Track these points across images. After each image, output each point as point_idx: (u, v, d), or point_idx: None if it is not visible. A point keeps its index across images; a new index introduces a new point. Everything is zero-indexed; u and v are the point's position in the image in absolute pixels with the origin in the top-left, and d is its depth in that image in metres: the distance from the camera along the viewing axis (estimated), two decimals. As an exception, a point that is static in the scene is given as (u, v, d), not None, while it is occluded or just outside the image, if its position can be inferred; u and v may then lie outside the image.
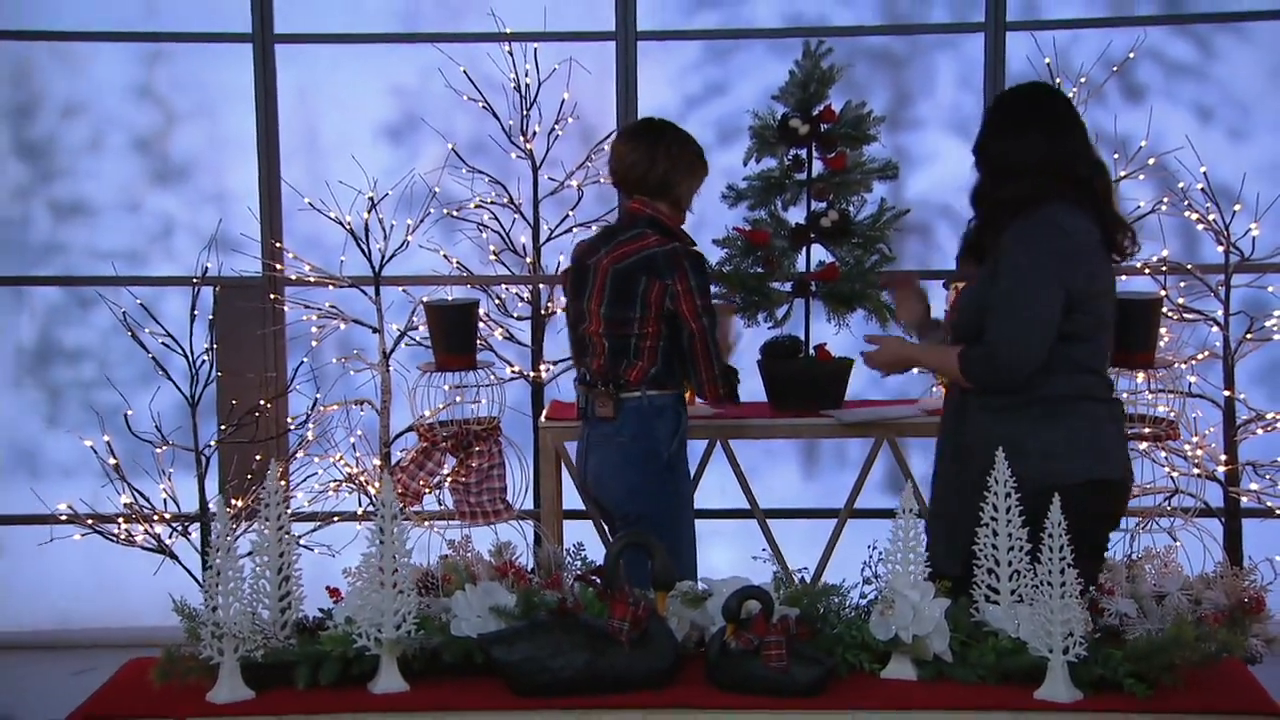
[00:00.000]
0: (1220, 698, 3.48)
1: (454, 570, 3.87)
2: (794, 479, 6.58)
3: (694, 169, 4.92)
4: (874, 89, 6.41)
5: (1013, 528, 3.66)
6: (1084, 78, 5.92)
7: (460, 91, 6.02)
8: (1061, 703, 3.42)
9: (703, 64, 6.63)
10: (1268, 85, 6.34)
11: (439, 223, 6.01)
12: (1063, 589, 3.44)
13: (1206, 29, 6.34)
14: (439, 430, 5.48)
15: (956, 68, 6.48)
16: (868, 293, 5.41)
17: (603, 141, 6.02)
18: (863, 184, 5.44)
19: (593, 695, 3.50)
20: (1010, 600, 3.62)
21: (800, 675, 3.48)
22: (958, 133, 6.41)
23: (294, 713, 3.52)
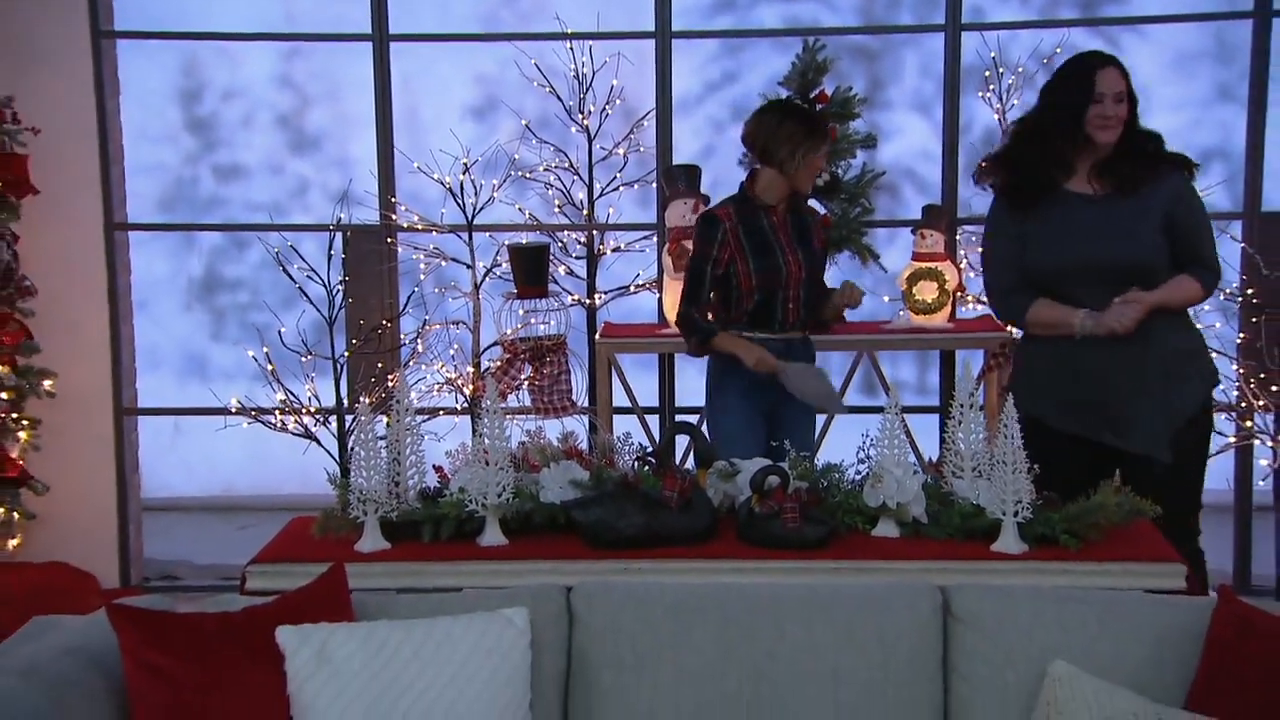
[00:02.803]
0: (1132, 549, 3.54)
1: (539, 452, 3.92)
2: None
3: (792, 138, 4.45)
4: (855, 76, 6.38)
5: (974, 420, 3.69)
6: (1020, 68, 5.86)
7: (530, 79, 5.99)
8: (1011, 553, 3.48)
9: (720, 57, 6.62)
10: (1163, 75, 6.29)
11: (515, 183, 6.01)
12: (1014, 466, 3.48)
13: (1115, 30, 6.30)
14: (519, 345, 5.52)
15: (919, 60, 6.45)
16: (853, 238, 5.43)
17: (643, 118, 6.00)
18: (849, 151, 5.46)
19: (649, 548, 3.56)
20: (972, 475, 3.66)
21: (810, 533, 3.54)
22: (920, 112, 6.40)
23: (421, 559, 3.59)
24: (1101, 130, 4.05)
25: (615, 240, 6.09)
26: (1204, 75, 6.29)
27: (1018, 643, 2.97)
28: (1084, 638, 2.96)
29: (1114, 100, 4.04)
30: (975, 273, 5.87)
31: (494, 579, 3.45)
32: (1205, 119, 6.28)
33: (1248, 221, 5.84)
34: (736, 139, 5.71)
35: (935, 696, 3.01)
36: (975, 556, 3.47)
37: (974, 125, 6.10)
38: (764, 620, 3.04)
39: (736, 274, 4.46)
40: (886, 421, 3.67)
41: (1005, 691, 2.94)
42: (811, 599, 3.10)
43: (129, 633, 2.81)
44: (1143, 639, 2.94)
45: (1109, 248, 4.05)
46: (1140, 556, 3.46)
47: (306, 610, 2.95)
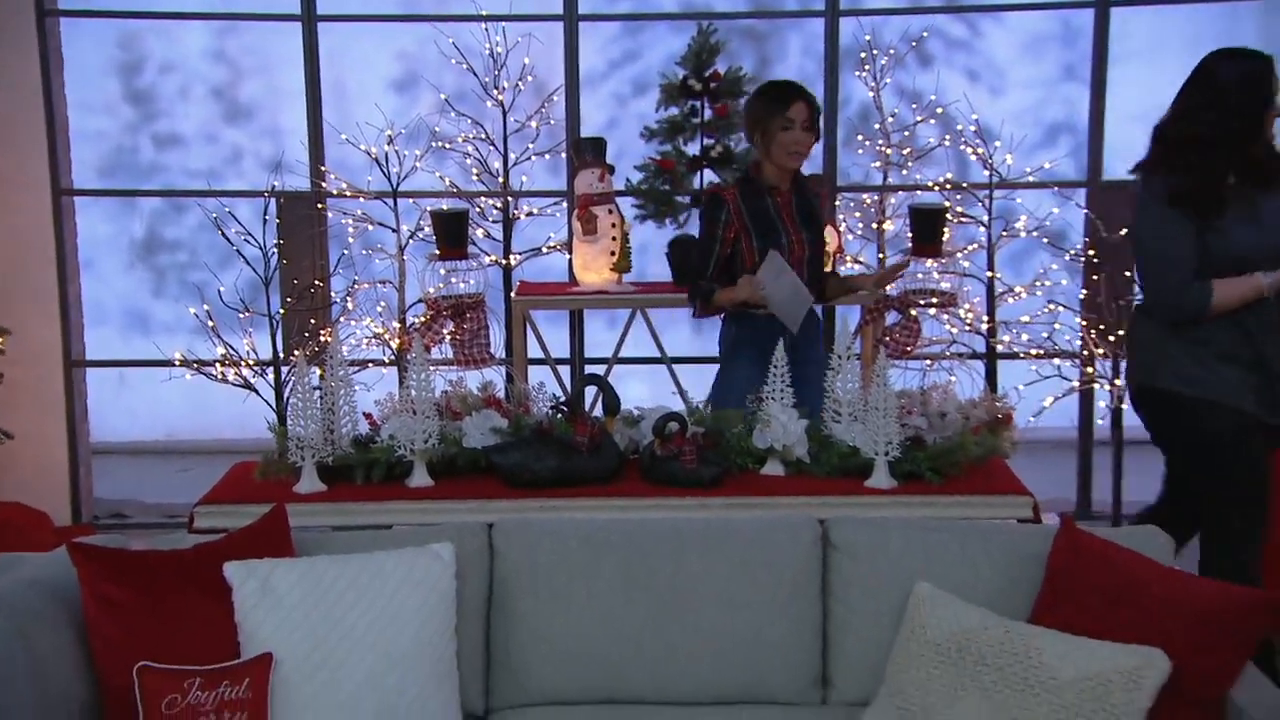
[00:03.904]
0: (987, 482, 3.64)
1: (461, 401, 3.94)
2: (688, 335, 6.66)
3: (754, 118, 4.29)
4: (745, 56, 6.41)
5: (850, 370, 3.77)
6: (892, 49, 5.92)
7: (449, 57, 5.95)
8: (883, 489, 3.56)
9: (622, 37, 6.62)
10: (1017, 56, 6.40)
11: (436, 153, 5.97)
12: (884, 411, 3.57)
13: (975, 16, 6.39)
14: (441, 302, 5.51)
15: (803, 41, 6.50)
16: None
17: (553, 93, 5.99)
18: (739, 126, 5.47)
19: (562, 488, 3.60)
20: (849, 419, 3.74)
21: (705, 473, 3.59)
22: (803, 90, 6.43)
23: (355, 500, 3.62)
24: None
25: (529, 206, 6.08)
26: (1052, 57, 6.40)
27: (888, 568, 3.04)
28: (945, 562, 3.03)
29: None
30: (854, 235, 5.95)
31: (421, 517, 3.49)
32: (1053, 97, 6.40)
33: (1090, 189, 5.97)
34: (639, 112, 5.76)
35: (816, 617, 3.08)
36: (851, 492, 3.55)
37: (852, 101, 6.16)
38: (664, 552, 3.09)
39: (741, 253, 4.27)
40: (774, 372, 3.74)
41: (877, 611, 3.02)
42: (707, 532, 3.16)
43: (87, 568, 2.81)
44: (995, 562, 3.03)
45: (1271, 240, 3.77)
46: (994, 490, 3.57)
47: (251, 547, 2.96)
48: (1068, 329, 5.79)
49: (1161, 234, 3.73)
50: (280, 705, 2.75)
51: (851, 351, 3.75)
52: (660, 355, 5.83)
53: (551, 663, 3.05)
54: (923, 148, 5.88)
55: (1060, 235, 5.97)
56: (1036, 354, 5.78)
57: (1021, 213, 5.85)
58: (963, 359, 5.84)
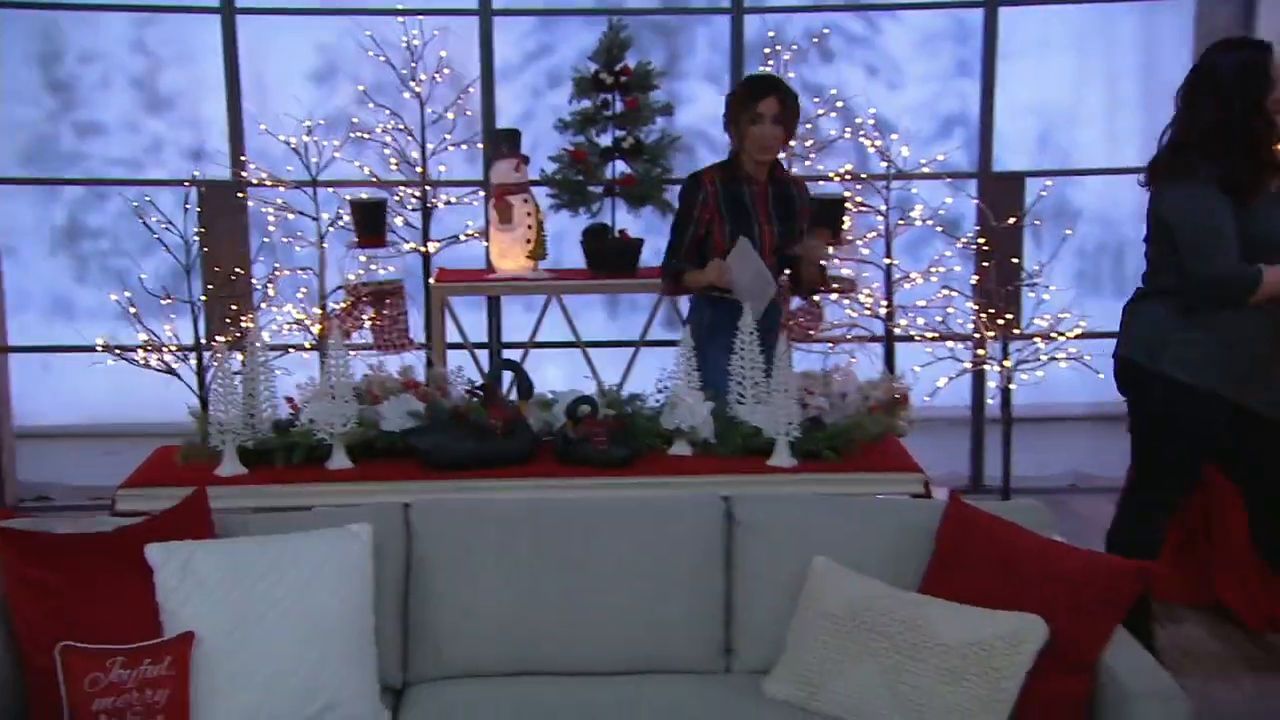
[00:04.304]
0: (882, 460, 3.70)
1: (380, 386, 3.93)
2: (603, 320, 6.68)
3: (729, 113, 4.32)
4: (656, 50, 6.41)
5: (752, 355, 3.81)
6: (795, 45, 5.97)
7: (366, 49, 5.91)
8: (784, 467, 3.62)
9: (537, 31, 6.57)
10: (913, 53, 6.46)
11: (355, 143, 5.92)
12: (786, 393, 3.63)
13: (874, 14, 6.46)
14: (361, 289, 5.48)
15: (710, 36, 6.50)
16: (654, 194, 5.49)
17: (469, 86, 5.97)
18: (649, 118, 5.47)
19: (478, 470, 3.62)
20: (752, 401, 3.78)
21: (616, 453, 3.63)
22: (711, 82, 6.46)
23: (275, 483, 3.60)
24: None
25: (447, 195, 6.06)
26: (946, 53, 6.47)
27: (787, 542, 3.10)
28: (841, 536, 3.09)
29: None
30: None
31: (341, 499, 3.48)
32: (947, 91, 6.48)
33: (981, 180, 6.08)
34: (554, 104, 5.75)
35: (719, 590, 3.13)
36: (755, 471, 3.61)
37: (757, 95, 6.19)
38: (576, 530, 3.12)
39: (713, 236, 4.27)
40: (681, 356, 3.78)
41: (777, 584, 3.07)
42: (617, 510, 3.20)
43: (9, 550, 2.79)
44: (888, 536, 3.10)
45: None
46: (889, 467, 3.64)
47: (172, 529, 2.95)
48: (961, 313, 5.90)
49: (1213, 214, 3.62)
50: (202, 682, 2.74)
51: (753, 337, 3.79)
52: (575, 340, 5.85)
53: (467, 637, 3.08)
54: (825, 139, 5.94)
55: (954, 224, 6.07)
56: (932, 337, 5.88)
57: (917, 202, 5.93)
58: (863, 342, 5.92)
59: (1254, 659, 4.29)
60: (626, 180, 5.45)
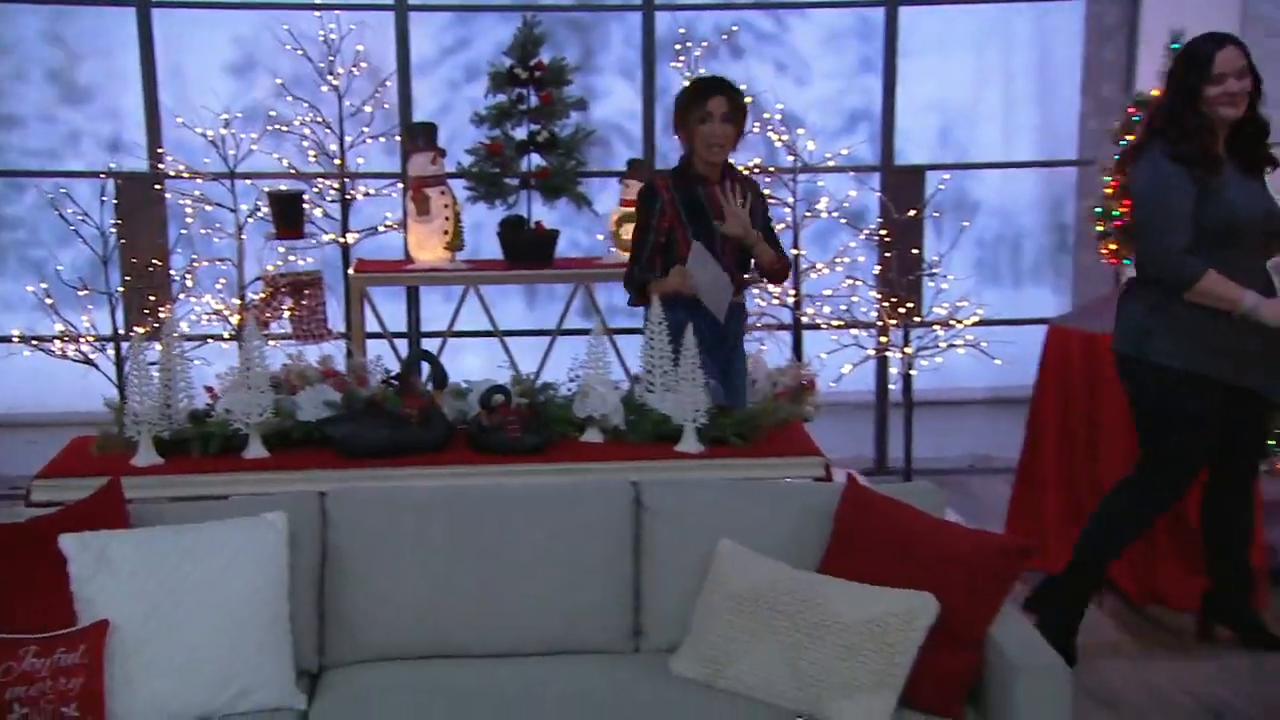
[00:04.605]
0: (786, 445, 3.74)
1: (299, 376, 3.90)
2: (521, 309, 6.67)
3: (678, 114, 4.22)
4: (571, 45, 6.42)
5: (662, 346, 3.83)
6: (705, 42, 6.00)
7: (284, 43, 5.84)
8: (692, 453, 3.64)
9: (454, 25, 6.55)
10: (820, 50, 6.52)
11: (274, 135, 5.85)
12: (693, 382, 3.66)
13: (782, 11, 6.51)
14: (279, 280, 5.42)
15: (624, 32, 6.52)
16: (568, 186, 5.49)
17: (386, 79, 5.93)
18: (563, 113, 5.47)
19: (393, 458, 3.60)
20: (662, 390, 3.81)
21: (529, 441, 3.63)
22: (626, 77, 6.47)
23: (191, 472, 3.55)
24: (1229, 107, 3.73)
25: (365, 187, 6.02)
26: (851, 50, 6.54)
27: (694, 526, 3.12)
28: (746, 519, 3.12)
29: (1236, 77, 3.72)
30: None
31: (257, 488, 3.45)
32: (852, 87, 6.56)
33: (884, 173, 6.16)
34: (472, 97, 5.72)
35: (628, 573, 3.14)
36: (663, 456, 3.62)
37: (670, 90, 6.22)
38: (490, 515, 3.12)
39: (676, 241, 4.17)
40: (592, 346, 3.79)
41: (684, 567, 3.09)
42: (529, 496, 3.20)
43: (-75, 542, 2.74)
44: (790, 518, 3.13)
45: (1265, 205, 3.82)
46: (792, 452, 3.68)
47: (87, 519, 2.91)
48: (865, 302, 5.97)
49: (1164, 196, 3.70)
50: (117, 670, 2.71)
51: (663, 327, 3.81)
52: (493, 329, 5.84)
53: (383, 621, 3.07)
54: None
55: (858, 216, 6.14)
56: (837, 325, 5.95)
57: (824, 195, 5.98)
58: (771, 330, 5.97)
59: (1138, 630, 4.41)
60: (542, 173, 5.45)
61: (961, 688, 2.82)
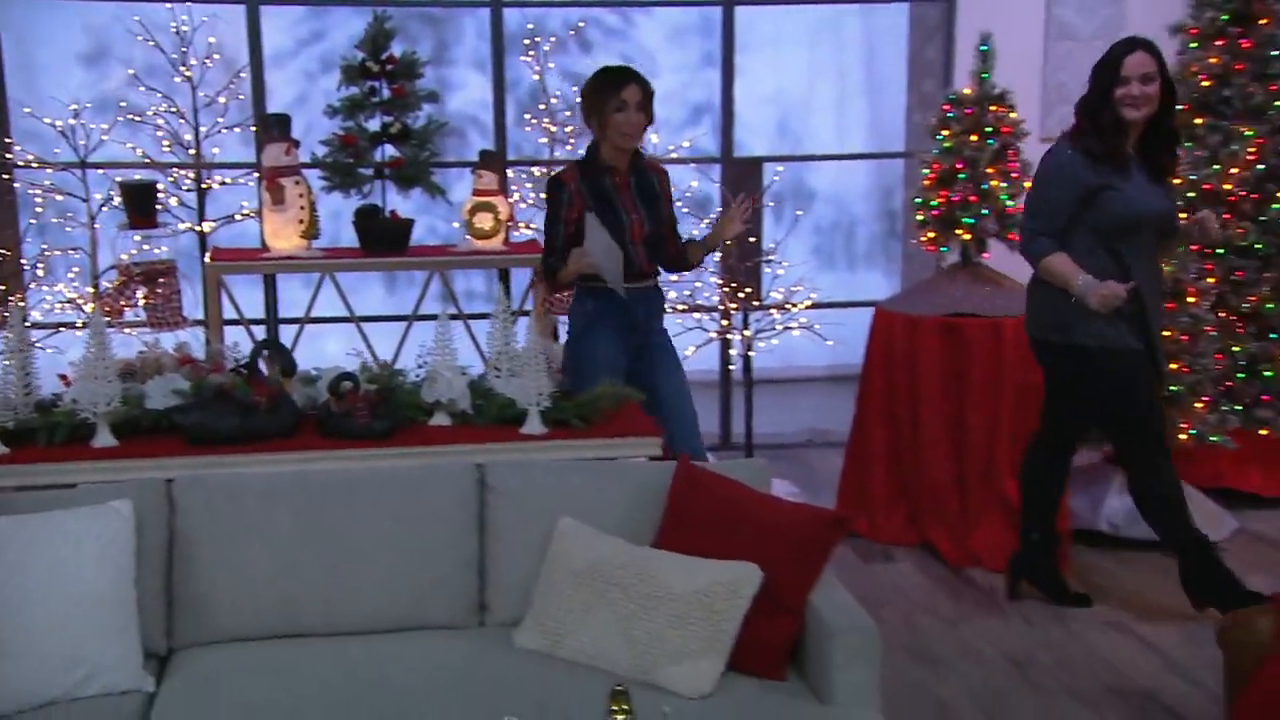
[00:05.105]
0: (624, 426, 3.73)
1: (156, 364, 3.80)
2: (381, 296, 6.59)
3: (591, 102, 4.12)
4: (425, 39, 6.37)
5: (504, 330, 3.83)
6: (554, 37, 5.98)
7: (136, 34, 5.65)
8: (535, 435, 3.65)
9: (309, 18, 6.44)
10: (665, 45, 6.58)
11: (129, 125, 5.67)
12: (536, 366, 3.66)
13: (628, 10, 6.53)
14: (133, 268, 5.27)
15: (477, 26, 6.48)
16: (422, 177, 5.42)
17: (240, 71, 5.79)
18: (415, 105, 5.39)
19: (243, 445, 3.53)
20: (507, 374, 3.80)
21: (377, 426, 3.59)
22: (479, 70, 6.43)
23: (37, 461, 3.44)
24: (1130, 108, 3.86)
25: (221, 176, 5.87)
26: (694, 46, 6.61)
27: (536, 505, 3.14)
28: (585, 498, 3.15)
29: (1140, 81, 3.84)
30: (526, 204, 6.00)
31: (105, 476, 3.35)
32: (696, 81, 6.63)
33: (724, 164, 6.23)
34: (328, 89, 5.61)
35: (473, 553, 3.15)
36: (508, 439, 3.61)
37: (521, 83, 6.21)
38: (336, 499, 3.10)
39: (585, 231, 4.05)
40: (439, 332, 3.77)
41: (527, 545, 3.10)
42: (376, 480, 3.18)
43: None
44: (627, 496, 3.17)
45: (1164, 204, 3.97)
46: (630, 432, 3.70)
47: (-72, 512, 2.81)
48: (707, 286, 6.04)
49: (1053, 180, 3.91)
50: (-41, 662, 2.63)
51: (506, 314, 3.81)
52: (350, 315, 5.75)
53: (231, 604, 3.03)
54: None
55: (701, 204, 6.20)
56: (682, 309, 6.00)
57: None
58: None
59: (956, 591, 4.58)
60: (395, 163, 5.37)
61: (784, 651, 2.90)
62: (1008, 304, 4.87)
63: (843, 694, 2.78)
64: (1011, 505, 4.75)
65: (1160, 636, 4.13)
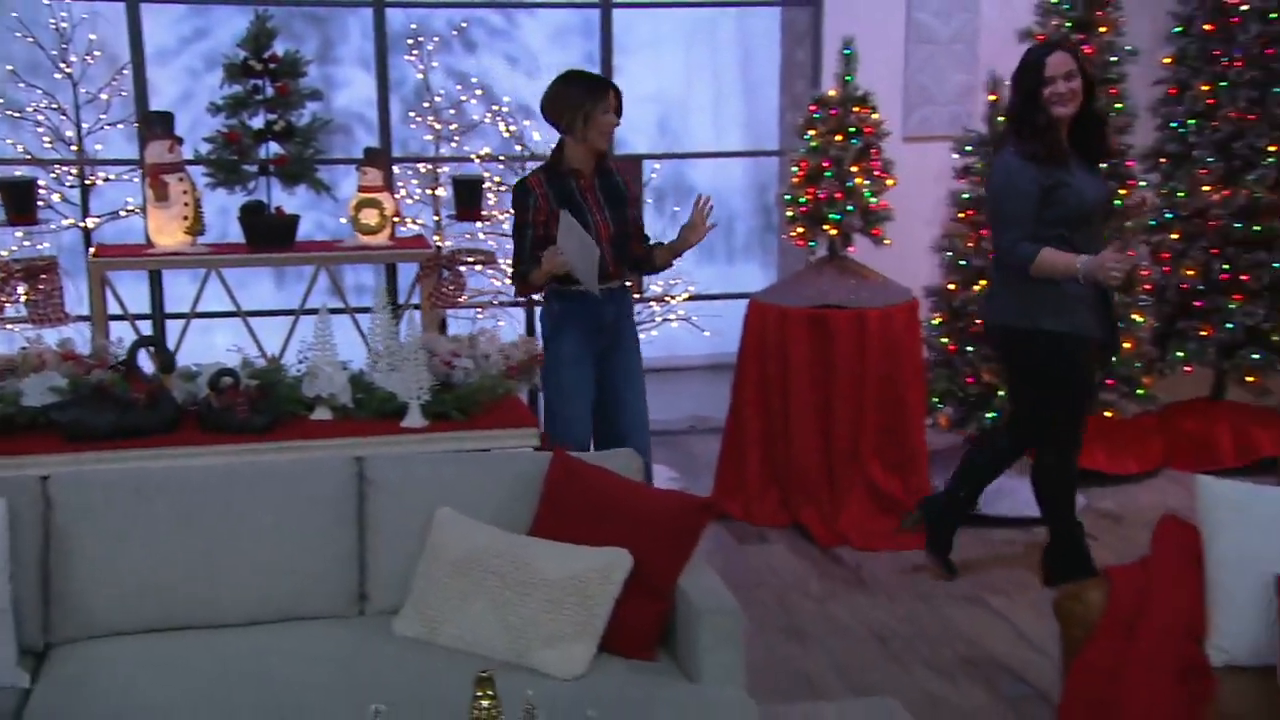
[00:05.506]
0: (504, 418, 3.77)
1: (28, 361, 3.71)
2: (270, 289, 6.48)
3: (575, 103, 4.03)
4: (310, 37, 6.27)
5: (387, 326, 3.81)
6: (437, 37, 5.93)
7: (13, 30, 5.46)
8: (416, 427, 3.64)
9: (192, 16, 6.30)
10: (548, 45, 6.57)
11: (9, 121, 5.48)
12: (415, 361, 3.65)
13: (511, 11, 6.51)
14: (12, 265, 5.10)
15: (361, 25, 6.39)
16: (307, 173, 5.35)
17: (122, 68, 5.63)
18: (299, 103, 5.32)
19: (122, 440, 3.47)
20: (388, 369, 3.78)
21: (257, 421, 3.56)
22: (364, 68, 6.35)
23: (-88, 459, 3.34)
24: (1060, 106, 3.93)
25: (106, 173, 5.71)
26: (576, 46, 6.61)
27: (415, 496, 3.13)
28: (463, 489, 3.15)
29: (1065, 79, 3.91)
30: (413, 200, 5.95)
31: (-21, 475, 3.26)
32: (578, 81, 6.63)
33: (607, 162, 6.24)
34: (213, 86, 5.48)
35: (353, 544, 3.13)
36: (389, 432, 3.61)
37: (407, 81, 6.15)
38: (217, 494, 3.07)
39: (553, 235, 3.98)
40: (318, 328, 3.74)
41: (406, 536, 3.10)
42: (257, 474, 3.15)
43: None
44: (505, 486, 3.18)
45: (1105, 191, 4.02)
46: (509, 424, 3.72)
47: None
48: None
49: (1011, 189, 3.93)
50: None
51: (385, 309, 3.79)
52: (236, 310, 5.65)
53: (110, 599, 2.98)
54: (469, 123, 5.94)
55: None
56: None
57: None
58: (505, 307, 5.98)
59: (825, 570, 4.68)
60: (280, 160, 5.29)
61: (654, 632, 2.94)
62: (871, 296, 4.99)
63: (710, 673, 2.83)
64: (877, 487, 4.86)
65: (1012, 608, 4.27)
